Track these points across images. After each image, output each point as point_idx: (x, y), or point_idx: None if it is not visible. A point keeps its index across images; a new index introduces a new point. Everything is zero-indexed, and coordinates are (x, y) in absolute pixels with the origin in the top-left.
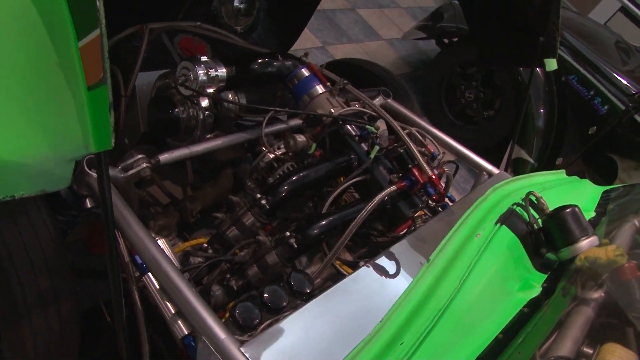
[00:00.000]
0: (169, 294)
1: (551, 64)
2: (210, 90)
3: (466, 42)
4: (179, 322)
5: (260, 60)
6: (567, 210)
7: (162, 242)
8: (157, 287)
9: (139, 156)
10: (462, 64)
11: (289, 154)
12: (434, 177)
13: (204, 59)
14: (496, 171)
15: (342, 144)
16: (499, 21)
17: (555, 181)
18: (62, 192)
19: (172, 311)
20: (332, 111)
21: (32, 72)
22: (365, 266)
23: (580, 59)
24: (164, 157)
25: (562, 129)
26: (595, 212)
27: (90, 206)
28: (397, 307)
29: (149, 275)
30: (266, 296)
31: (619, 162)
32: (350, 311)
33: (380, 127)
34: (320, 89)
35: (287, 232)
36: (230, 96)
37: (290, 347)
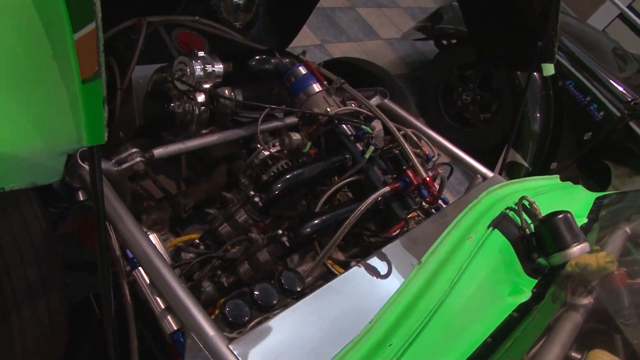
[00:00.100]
0: (159, 289)
1: (548, 69)
2: (206, 85)
3: (465, 44)
4: (169, 317)
5: (257, 57)
6: (559, 216)
7: (153, 237)
8: (147, 282)
9: (133, 150)
10: (460, 66)
11: (284, 152)
12: (428, 179)
13: (201, 54)
14: (490, 174)
15: (338, 143)
16: (497, 24)
17: (548, 186)
18: (54, 184)
19: (162, 306)
20: (328, 110)
21: (27, 64)
22: (356, 266)
23: (577, 65)
24: (159, 152)
25: (557, 133)
26: (587, 218)
27: (82, 199)
28: (387, 308)
29: (140, 269)
30: (256, 294)
31: (613, 168)
32: (340, 311)
33: (376, 127)
34: (317, 87)
35: (280, 230)
36: (226, 92)
37: (279, 345)
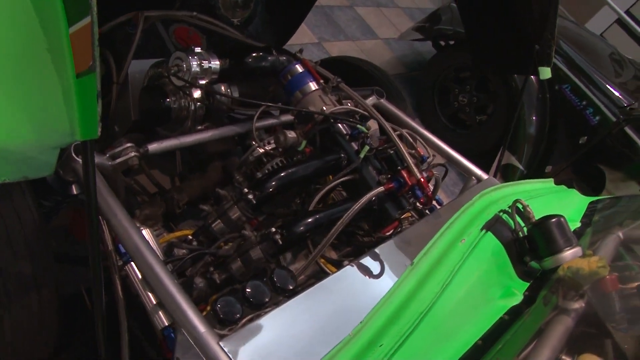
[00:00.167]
0: (150, 285)
1: (545, 73)
2: (202, 81)
3: (462, 46)
4: (160, 313)
5: (254, 54)
6: (553, 220)
7: (146, 232)
8: (139, 277)
9: (128, 144)
10: (457, 68)
11: (279, 150)
12: (422, 180)
13: (198, 50)
14: (485, 176)
15: (333, 142)
16: (495, 27)
17: (542, 190)
18: (48, 178)
19: (154, 302)
20: (324, 109)
21: (21, 57)
22: (349, 265)
23: (574, 69)
24: (153, 147)
25: (552, 137)
26: (580, 222)
27: (76, 192)
28: (379, 308)
29: (132, 264)
30: (248, 291)
31: (608, 173)
32: (331, 310)
33: (371, 127)
34: (313, 85)
35: (273, 228)
36: (223, 88)
37: (269, 343)
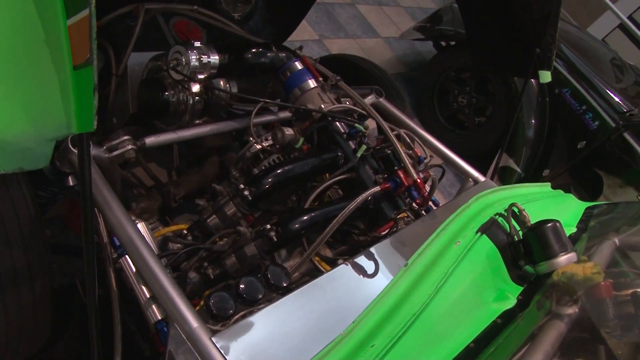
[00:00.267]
0: (144, 278)
1: (545, 76)
2: (201, 76)
3: (463, 47)
4: (153, 306)
5: (254, 50)
6: (548, 224)
7: (141, 226)
8: (133, 270)
9: (125, 137)
10: (458, 69)
11: (276, 146)
12: (418, 180)
13: (197, 44)
14: (482, 179)
15: (330, 140)
16: (496, 28)
17: (539, 194)
18: (45, 169)
19: (147, 295)
20: (322, 107)
21: (18, 48)
22: (343, 264)
23: (575, 73)
24: (150, 140)
25: (551, 141)
26: (576, 227)
27: (72, 184)
28: (371, 308)
29: (126, 257)
30: (242, 287)
31: (605, 178)
32: (324, 309)
33: (369, 126)
34: (312, 83)
35: (268, 224)
36: (221, 83)
37: (261, 340)
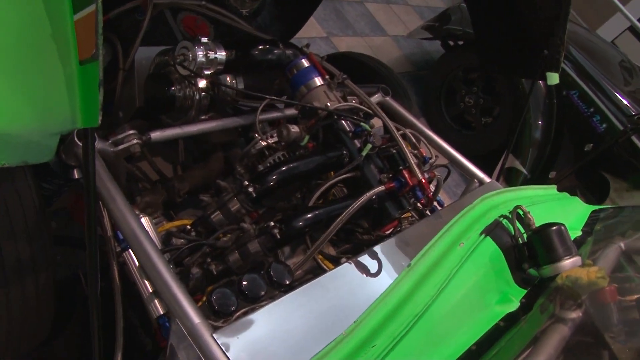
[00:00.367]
0: (147, 273)
1: (553, 79)
2: (207, 72)
3: (471, 47)
4: (156, 301)
5: (261, 46)
6: (553, 227)
7: (145, 220)
8: (136, 265)
9: (131, 131)
10: (465, 69)
11: (281, 144)
12: (423, 180)
13: (204, 40)
14: (487, 180)
15: (336, 138)
16: (504, 29)
17: (545, 196)
18: (51, 161)
19: (150, 290)
20: (328, 105)
21: (24, 42)
22: (347, 263)
23: (583, 75)
24: (156, 135)
25: (558, 142)
26: (582, 231)
27: (77, 177)
28: (373, 308)
29: (130, 251)
30: (244, 284)
31: (612, 181)
32: (326, 307)
33: (375, 125)
34: (318, 81)
35: (272, 222)
36: (228, 79)
37: (263, 337)
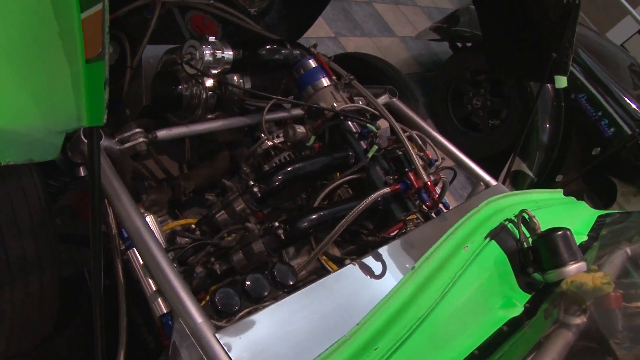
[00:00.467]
0: (151, 272)
1: (561, 82)
2: (214, 71)
3: (479, 49)
4: (159, 300)
5: (268, 46)
6: (559, 232)
7: (150, 219)
8: (140, 263)
9: (137, 130)
10: (473, 70)
11: (287, 144)
12: (429, 183)
13: (212, 39)
14: (494, 183)
15: (342, 139)
16: (513, 31)
17: (551, 200)
18: (57, 159)
19: (153, 288)
20: (334, 105)
21: (31, 40)
22: (351, 264)
23: (591, 79)
24: (162, 134)
25: (565, 146)
26: (587, 236)
27: (83, 174)
28: (376, 311)
29: (134, 250)
30: (248, 284)
31: (619, 186)
32: (329, 309)
33: (381, 126)
34: (325, 81)
35: (276, 222)
36: (235, 79)
37: (265, 338)
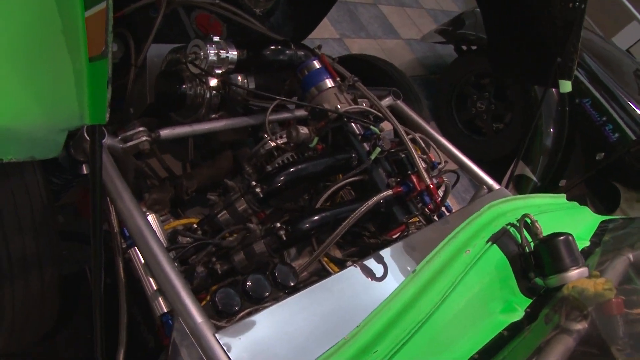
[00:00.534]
0: (152, 271)
1: (565, 86)
2: (218, 71)
3: (484, 52)
4: (160, 299)
5: (272, 46)
6: (561, 237)
7: (152, 218)
8: (141, 262)
9: (140, 128)
10: (478, 74)
11: (290, 145)
12: (431, 186)
13: (216, 39)
14: (497, 186)
15: (345, 141)
16: (518, 35)
17: (553, 205)
18: (59, 156)
19: (154, 287)
20: (338, 107)
21: (35, 38)
22: (352, 266)
23: (596, 83)
24: (165, 133)
25: (569, 151)
26: (590, 241)
27: (86, 172)
28: (376, 313)
29: (135, 248)
30: (249, 284)
31: (623, 191)
32: (330, 311)
33: (384, 128)
34: (329, 83)
35: (278, 223)
36: (239, 79)
37: (265, 339)
